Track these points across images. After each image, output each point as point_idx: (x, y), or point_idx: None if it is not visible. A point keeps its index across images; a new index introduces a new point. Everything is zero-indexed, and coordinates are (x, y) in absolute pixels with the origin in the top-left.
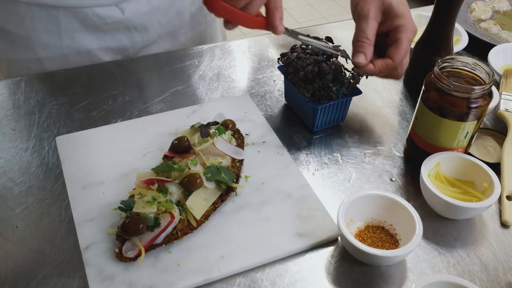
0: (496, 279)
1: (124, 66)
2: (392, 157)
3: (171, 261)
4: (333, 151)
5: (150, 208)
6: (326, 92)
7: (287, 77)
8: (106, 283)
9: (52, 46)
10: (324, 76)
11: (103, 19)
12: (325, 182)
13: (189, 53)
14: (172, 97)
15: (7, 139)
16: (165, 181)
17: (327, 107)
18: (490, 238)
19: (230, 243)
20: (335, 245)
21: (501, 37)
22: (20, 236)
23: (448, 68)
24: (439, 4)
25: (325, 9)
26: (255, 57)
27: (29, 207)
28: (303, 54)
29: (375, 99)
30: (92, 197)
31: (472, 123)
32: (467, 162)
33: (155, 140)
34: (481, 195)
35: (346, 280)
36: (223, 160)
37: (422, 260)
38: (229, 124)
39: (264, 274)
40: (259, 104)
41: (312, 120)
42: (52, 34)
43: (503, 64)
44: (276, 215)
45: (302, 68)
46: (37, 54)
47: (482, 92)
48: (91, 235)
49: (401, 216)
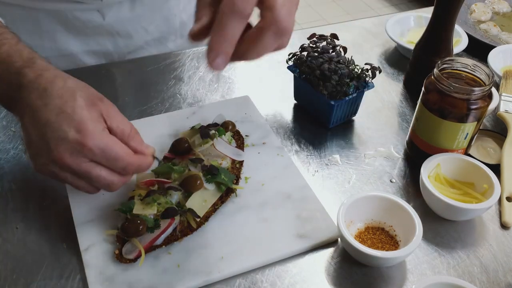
0: (496, 280)
1: (123, 67)
2: (392, 158)
3: (171, 262)
4: (333, 152)
5: (150, 210)
6: (342, 88)
7: (300, 77)
8: (106, 284)
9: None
10: (341, 72)
11: (84, 23)
12: (325, 183)
13: (188, 54)
14: (172, 99)
15: (7, 140)
16: (165, 182)
17: (343, 103)
18: (490, 240)
19: (230, 244)
20: (335, 246)
21: (501, 38)
22: (20, 237)
23: (448, 69)
24: (439, 6)
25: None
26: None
27: (29, 208)
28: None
29: (375, 100)
30: (92, 198)
31: (472, 125)
32: (467, 164)
33: (155, 141)
34: (481, 196)
35: (346, 281)
36: (223, 162)
37: (422, 262)
38: (229, 126)
39: (264, 275)
40: (259, 105)
41: (328, 116)
42: (33, 35)
43: (503, 66)
44: (276, 216)
45: (317, 67)
46: None
47: (482, 93)
48: (91, 237)
49: (401, 217)
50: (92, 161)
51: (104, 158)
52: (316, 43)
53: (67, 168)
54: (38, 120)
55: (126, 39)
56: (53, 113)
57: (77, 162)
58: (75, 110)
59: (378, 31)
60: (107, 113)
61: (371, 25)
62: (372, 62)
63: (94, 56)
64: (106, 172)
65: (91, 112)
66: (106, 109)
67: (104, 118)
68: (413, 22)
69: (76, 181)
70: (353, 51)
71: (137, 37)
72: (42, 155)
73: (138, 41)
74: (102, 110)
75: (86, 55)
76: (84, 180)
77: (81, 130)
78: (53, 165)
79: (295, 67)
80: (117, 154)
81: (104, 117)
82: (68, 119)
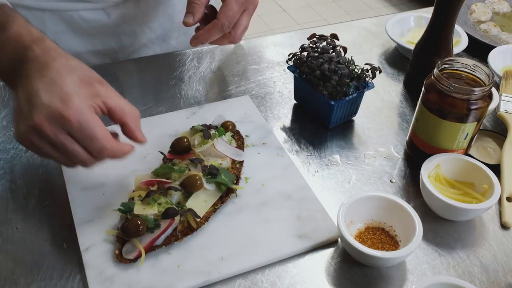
0: (496, 280)
1: (123, 68)
2: (392, 159)
3: (171, 263)
4: (333, 153)
5: (150, 210)
6: (342, 89)
7: (301, 77)
8: (106, 285)
9: None
10: (341, 73)
11: (89, 23)
12: (325, 183)
13: (189, 54)
14: (172, 99)
15: (7, 140)
16: (165, 182)
17: (343, 103)
18: (490, 240)
19: (230, 244)
20: (335, 247)
21: (501, 38)
22: (20, 237)
23: (448, 69)
24: (439, 6)
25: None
26: (255, 59)
27: (29, 208)
28: (313, 53)
29: (375, 100)
30: (92, 198)
31: (472, 125)
32: (467, 164)
33: (155, 141)
34: (481, 196)
35: (346, 281)
36: (223, 162)
37: (422, 262)
38: (229, 126)
39: (264, 276)
40: (259, 106)
41: (328, 117)
42: None
43: (503, 66)
44: (276, 216)
45: (317, 67)
46: None
47: (482, 93)
48: (91, 237)
49: (401, 217)
50: (69, 136)
51: (80, 134)
52: (316, 43)
53: (45, 136)
54: (30, 88)
55: (130, 37)
56: (45, 84)
57: (55, 132)
58: (66, 83)
59: (378, 31)
60: (106, 94)
61: (371, 25)
62: (372, 62)
63: (99, 56)
64: (81, 149)
65: (82, 89)
66: (106, 90)
67: (103, 99)
68: (413, 22)
69: (54, 153)
70: (353, 51)
71: (141, 35)
72: (24, 121)
73: (143, 39)
74: (100, 91)
75: (91, 55)
76: (61, 153)
77: (66, 102)
78: (33, 133)
79: (295, 67)
80: (95, 133)
81: (102, 98)
82: (57, 89)
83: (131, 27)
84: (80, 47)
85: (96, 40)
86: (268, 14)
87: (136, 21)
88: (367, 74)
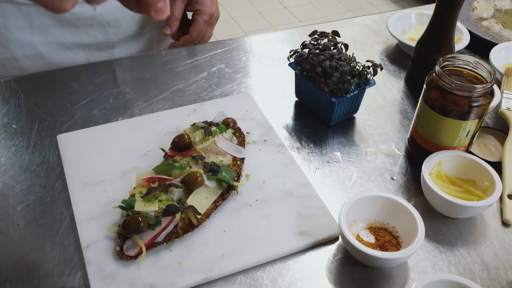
0: (497, 278)
1: (124, 65)
2: (393, 156)
3: (172, 260)
4: (334, 150)
5: (151, 207)
6: (343, 86)
7: (302, 74)
8: (107, 282)
9: (26, 43)
10: (342, 70)
11: (76, 15)
12: (326, 180)
13: (190, 51)
14: (173, 96)
15: (8, 137)
16: (166, 179)
17: (345, 100)
18: (491, 237)
19: (231, 241)
20: (336, 244)
21: (502, 35)
22: (21, 234)
23: (450, 66)
24: (441, 3)
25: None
26: (257, 56)
27: (30, 205)
28: (314, 50)
29: (376, 97)
30: (93, 195)
31: (474, 122)
32: (469, 161)
33: (156, 138)
34: (482, 194)
35: (347, 278)
36: (224, 159)
37: (423, 259)
38: (230, 123)
39: (265, 273)
40: (260, 103)
41: (329, 114)
42: (24, 30)
43: (505, 63)
44: (277, 213)
45: (318, 64)
46: (12, 52)
47: (484, 90)
48: (92, 234)
49: (403, 218)
50: None
51: None
52: (318, 40)
53: None
54: None
55: (115, 28)
56: None
57: None
58: None
59: (380, 28)
60: None
61: (372, 22)
62: (374, 59)
63: (85, 48)
64: None
65: None
66: None
67: None
68: (414, 19)
69: None
70: (354, 48)
71: (126, 26)
72: None
73: (127, 30)
74: None
75: (78, 47)
76: None
77: None
78: None
79: (296, 64)
80: None
81: None
82: None
83: (115, 17)
84: (66, 40)
85: (82, 31)
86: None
87: (120, 11)
88: (368, 71)
